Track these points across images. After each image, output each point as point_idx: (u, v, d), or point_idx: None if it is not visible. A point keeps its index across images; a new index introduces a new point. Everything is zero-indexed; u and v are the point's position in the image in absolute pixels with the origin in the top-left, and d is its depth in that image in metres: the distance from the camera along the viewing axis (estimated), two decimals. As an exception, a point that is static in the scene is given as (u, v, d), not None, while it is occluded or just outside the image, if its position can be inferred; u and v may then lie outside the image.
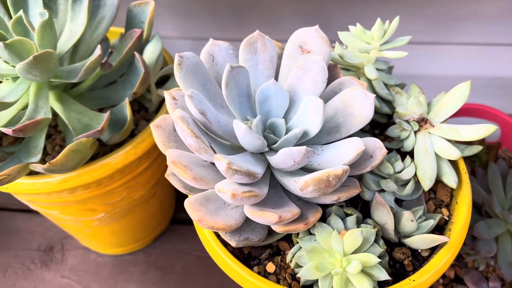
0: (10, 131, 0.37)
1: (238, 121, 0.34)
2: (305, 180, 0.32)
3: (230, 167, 0.31)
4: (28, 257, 0.67)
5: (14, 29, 0.44)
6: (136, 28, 0.50)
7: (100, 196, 0.49)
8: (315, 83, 0.38)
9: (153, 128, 0.38)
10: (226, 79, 0.36)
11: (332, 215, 0.37)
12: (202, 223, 0.34)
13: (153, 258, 0.66)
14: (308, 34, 0.40)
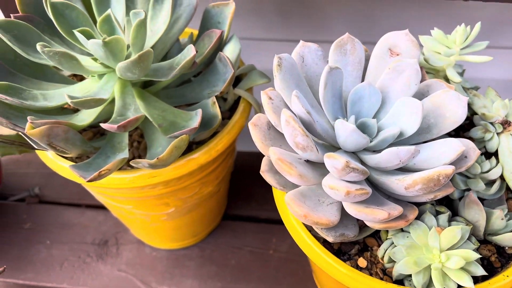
0: (115, 127, 0.38)
1: (342, 120, 0.36)
2: (413, 179, 0.34)
3: (348, 165, 0.32)
4: (84, 250, 0.68)
5: (101, 27, 0.45)
6: (213, 28, 0.51)
7: (176, 191, 0.50)
8: (408, 85, 0.39)
9: (251, 126, 0.39)
10: (324, 80, 0.38)
11: (427, 213, 0.38)
12: (307, 218, 0.36)
13: (207, 252, 0.67)
14: (398, 37, 0.42)
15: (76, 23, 0.46)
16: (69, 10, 0.46)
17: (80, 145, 0.43)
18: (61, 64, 0.41)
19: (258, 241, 0.68)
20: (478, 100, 0.44)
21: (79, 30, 0.43)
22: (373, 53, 0.43)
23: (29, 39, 0.46)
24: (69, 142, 0.42)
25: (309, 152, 0.36)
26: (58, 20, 0.45)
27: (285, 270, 0.65)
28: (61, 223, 0.72)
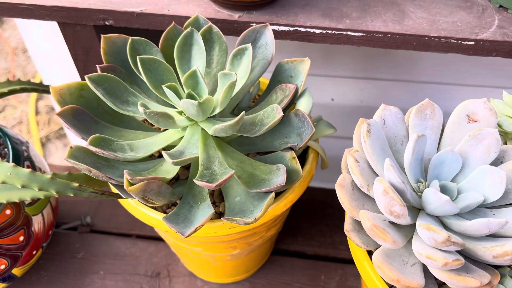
0: (212, 186, 0.40)
1: (434, 190, 0.38)
2: (505, 250, 0.36)
3: (449, 239, 0.35)
4: (137, 282, 0.70)
5: (186, 82, 0.47)
6: (284, 81, 0.53)
7: (246, 237, 0.52)
8: (488, 153, 0.42)
9: (337, 187, 0.42)
10: (412, 147, 0.40)
11: (506, 276, 0.41)
12: (400, 283, 0.38)
13: (258, 287, 0.69)
14: (476, 105, 0.44)
15: (162, 77, 0.48)
16: (156, 65, 0.48)
17: (169, 197, 0.45)
18: (158, 122, 0.43)
19: (306, 277, 0.70)
20: (547, 163, 0.46)
21: (167, 86, 0.46)
22: (451, 119, 0.45)
23: (117, 91, 0.48)
24: (160, 195, 0.44)
25: (402, 219, 0.38)
26: (147, 75, 0.47)
27: (335, 308, 0.67)
28: (113, 253, 0.74)
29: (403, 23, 0.55)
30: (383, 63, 0.85)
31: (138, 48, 0.51)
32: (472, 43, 0.54)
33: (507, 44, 0.53)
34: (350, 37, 0.55)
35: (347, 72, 0.88)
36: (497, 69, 0.82)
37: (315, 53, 0.86)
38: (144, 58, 0.47)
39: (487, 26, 0.55)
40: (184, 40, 0.50)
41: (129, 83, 0.51)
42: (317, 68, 0.89)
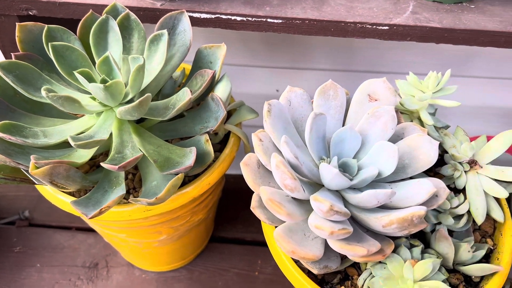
0: (115, 168, 0.41)
1: (326, 164, 0.40)
2: (390, 219, 0.38)
3: (332, 209, 0.36)
4: (74, 273, 0.70)
5: (100, 68, 0.48)
6: (205, 67, 0.54)
7: (169, 221, 0.53)
8: (385, 129, 0.43)
9: (242, 166, 0.43)
10: (310, 125, 0.41)
11: (402, 246, 0.42)
12: (295, 254, 0.39)
13: (196, 275, 0.70)
14: (376, 84, 0.46)
15: (76, 63, 0.49)
16: (69, 52, 0.48)
17: (80, 181, 0.46)
18: (64, 106, 0.43)
19: (244, 263, 0.71)
20: (448, 140, 0.48)
21: (79, 71, 0.46)
22: (354, 99, 0.47)
23: (30, 79, 0.48)
24: (69, 179, 0.44)
25: (296, 193, 0.39)
26: (59, 61, 0.48)
27: (270, 291, 0.68)
28: (52, 246, 0.73)
29: (322, 9, 0.57)
30: (323, 53, 0.87)
31: (56, 36, 0.51)
32: (386, 28, 0.56)
33: (418, 29, 0.56)
34: (270, 24, 0.57)
35: (290, 64, 0.90)
36: (432, 57, 0.85)
37: (260, 45, 0.87)
38: (56, 44, 0.47)
39: (402, 12, 0.57)
40: (99, 27, 0.50)
41: (48, 71, 0.51)
42: (261, 60, 0.90)
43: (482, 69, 0.86)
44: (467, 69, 0.86)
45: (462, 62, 0.86)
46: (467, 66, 0.86)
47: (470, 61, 0.85)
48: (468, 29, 0.55)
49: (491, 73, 0.87)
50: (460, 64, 0.86)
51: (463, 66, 0.86)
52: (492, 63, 0.85)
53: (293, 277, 0.44)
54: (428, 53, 0.84)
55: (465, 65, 0.86)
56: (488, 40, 0.56)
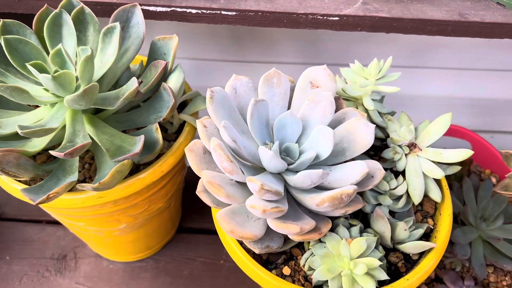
0: (61, 155, 0.42)
1: (263, 147, 0.41)
2: (322, 197, 0.39)
3: (262, 188, 0.38)
4: (43, 265, 0.71)
5: (53, 60, 0.49)
6: (159, 58, 0.56)
7: (125, 209, 0.54)
8: (324, 114, 0.45)
9: (187, 151, 0.44)
10: (251, 111, 0.43)
11: (340, 225, 0.44)
12: (234, 233, 0.41)
13: (162, 264, 0.71)
14: (317, 72, 0.47)
15: (30, 56, 0.50)
16: (22, 45, 0.50)
17: (32, 170, 0.47)
18: (13, 96, 0.45)
19: (210, 252, 0.73)
20: (391, 125, 0.50)
21: (31, 63, 0.47)
22: (297, 86, 0.48)
23: (-16, 71, 0.49)
24: (21, 168, 0.46)
25: (235, 175, 0.41)
26: (12, 54, 0.49)
27: (235, 278, 0.70)
28: (21, 239, 0.75)
29: (274, 1, 0.58)
30: (291, 47, 0.89)
31: (11, 30, 0.52)
32: (336, 18, 0.58)
33: (368, 19, 0.57)
34: (224, 16, 0.58)
35: (258, 57, 0.91)
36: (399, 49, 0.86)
37: (229, 40, 0.89)
38: (8, 37, 0.49)
39: (352, 3, 0.59)
40: (53, 20, 0.52)
41: (5, 65, 0.53)
42: (230, 55, 0.91)
43: (448, 60, 0.88)
44: (433, 60, 0.88)
45: (428, 54, 0.88)
46: (433, 58, 0.88)
47: (436, 53, 0.87)
48: (415, 18, 0.57)
49: (457, 64, 0.89)
50: (426, 56, 0.88)
51: (429, 58, 0.88)
52: (458, 53, 0.87)
53: (237, 257, 0.45)
54: (394, 45, 0.86)
55: (431, 56, 0.88)
56: (436, 29, 0.58)
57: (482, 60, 0.88)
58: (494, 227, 0.59)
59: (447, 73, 0.90)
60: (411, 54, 0.88)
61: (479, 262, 0.58)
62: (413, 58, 0.88)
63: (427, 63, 0.89)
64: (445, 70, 0.90)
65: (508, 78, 0.91)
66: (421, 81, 0.91)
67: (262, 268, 0.44)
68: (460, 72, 0.90)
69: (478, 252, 0.59)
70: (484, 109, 0.95)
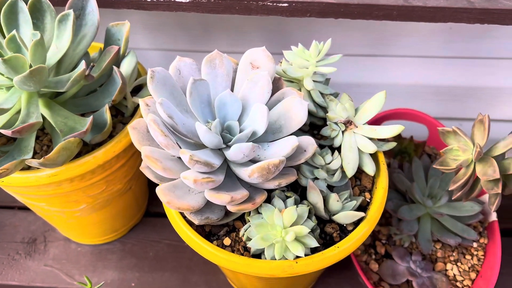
0: (9, 132, 0.45)
1: (199, 123, 0.43)
2: (252, 168, 0.42)
3: (192, 158, 0.40)
4: (13, 248, 0.74)
5: (8, 45, 0.51)
6: (114, 44, 0.58)
7: (82, 189, 0.57)
8: (262, 93, 0.47)
9: (130, 129, 0.47)
10: (190, 89, 0.45)
11: (275, 197, 0.46)
12: (171, 204, 0.43)
13: (128, 246, 0.74)
14: (257, 53, 0.50)
15: (-15, 42, 0.52)
16: (-22, 31, 0.52)
17: (-14, 149, 0.49)
18: (-35, 79, 0.47)
19: (175, 234, 0.74)
20: (331, 104, 0.52)
21: (-14, 49, 0.50)
22: (239, 67, 0.50)
23: None
24: (-25, 146, 0.48)
25: (171, 150, 0.43)
26: (-32, 40, 0.51)
27: (198, 259, 0.72)
28: (-7, 224, 0.77)
29: (226, -11, 0.61)
30: (259, 37, 0.91)
31: (-31, 18, 0.54)
32: (286, 5, 0.60)
33: (316, 5, 0.60)
34: (179, 4, 0.61)
35: (228, 48, 0.93)
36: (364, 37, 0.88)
37: (199, 31, 0.91)
38: (-36, 24, 0.51)
39: (301, -10, 0.61)
40: (9, 8, 0.54)
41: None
42: (201, 45, 0.94)
43: (413, 49, 0.90)
44: (398, 49, 0.90)
45: (392, 42, 0.90)
46: (398, 46, 0.90)
47: (401, 41, 0.89)
48: (362, 3, 0.60)
49: (422, 52, 0.91)
50: (391, 44, 0.90)
51: (393, 46, 0.90)
52: (422, 42, 0.89)
53: (180, 229, 0.48)
54: (359, 34, 0.88)
55: (395, 45, 0.90)
56: (382, 14, 0.61)
57: (446, 48, 0.90)
58: (440, 204, 0.61)
59: (412, 62, 0.93)
60: (376, 43, 0.90)
61: (425, 238, 0.61)
62: (377, 47, 0.90)
63: (392, 52, 0.91)
64: (410, 58, 0.92)
65: (473, 66, 0.93)
66: (386, 70, 0.94)
67: (201, 238, 0.46)
68: (425, 60, 0.92)
69: (425, 228, 0.62)
70: (450, 96, 0.98)
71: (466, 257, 0.62)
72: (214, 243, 0.47)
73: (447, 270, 0.62)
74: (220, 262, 0.46)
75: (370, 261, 0.62)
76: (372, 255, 0.63)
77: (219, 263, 0.46)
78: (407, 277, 0.60)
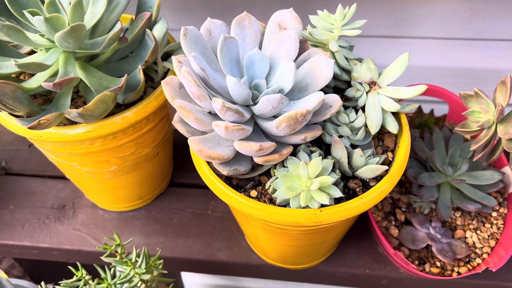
0: (51, 85, 0.48)
1: (230, 75, 0.46)
2: (280, 119, 0.44)
3: (224, 105, 0.42)
4: (43, 213, 0.77)
5: (48, 9, 0.54)
6: (146, 11, 0.60)
7: (114, 149, 0.59)
8: (289, 52, 0.49)
9: (163, 84, 0.49)
10: (220, 46, 0.47)
11: (301, 151, 0.48)
12: (202, 153, 0.45)
13: (153, 214, 0.76)
14: (285, 15, 0.52)
15: (27, 5, 0.55)
16: (20, -5, 0.55)
17: (27, 104, 0.52)
18: (9, 35, 0.50)
19: (198, 203, 0.78)
20: (356, 67, 0.54)
21: (27, 10, 0.53)
22: (266, 29, 0.52)
23: (-14, 19, 0.55)
24: (17, 101, 0.51)
25: (204, 102, 0.45)
26: (11, 3, 0.54)
27: (221, 226, 0.74)
28: (25, 191, 0.80)
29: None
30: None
31: (10, -15, 0.58)
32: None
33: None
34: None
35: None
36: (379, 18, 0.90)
37: (218, 10, 0.93)
38: (8, -13, 0.54)
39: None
40: (49, -26, 0.57)
41: (7, 17, 0.58)
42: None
43: (431, 30, 0.91)
44: (416, 30, 0.91)
45: (410, 23, 0.91)
46: (417, 27, 0.91)
47: (417, 22, 0.90)
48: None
49: (440, 33, 0.92)
50: (408, 25, 0.91)
51: (412, 27, 0.91)
52: (441, 23, 0.90)
53: (209, 180, 0.50)
54: (381, 15, 0.89)
55: (414, 26, 0.91)
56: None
57: (467, 29, 0.91)
58: (460, 173, 0.62)
59: (432, 43, 0.93)
60: (395, 24, 0.91)
61: (445, 204, 0.62)
62: (397, 28, 0.91)
63: (412, 33, 0.92)
64: (429, 40, 0.93)
65: (493, 48, 0.93)
66: (404, 51, 0.94)
67: (231, 188, 0.48)
68: (444, 41, 0.93)
69: (445, 196, 0.63)
70: (469, 79, 0.98)
71: (486, 225, 0.63)
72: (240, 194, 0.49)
73: (466, 237, 0.63)
74: (247, 210, 0.47)
75: (390, 227, 0.63)
76: (392, 221, 0.64)
77: (246, 211, 0.48)
78: (427, 242, 0.61)
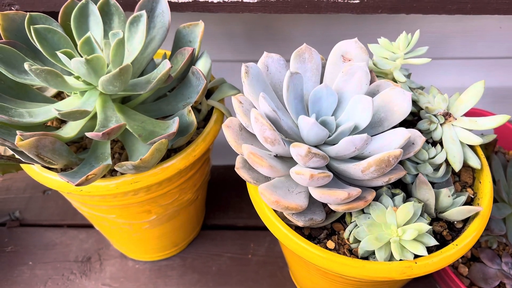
0: (99, 135, 0.42)
1: (305, 116, 0.41)
2: (368, 161, 0.39)
3: (310, 151, 0.37)
4: (67, 268, 0.70)
5: (82, 48, 0.49)
6: (184, 46, 0.56)
7: (157, 198, 0.54)
8: (360, 85, 0.45)
9: (224, 128, 0.44)
10: (287, 83, 0.43)
11: (383, 195, 0.43)
12: (279, 204, 0.40)
13: (189, 261, 0.70)
14: (349, 45, 0.48)
15: (58, 45, 0.50)
16: (51, 34, 0.50)
17: (66, 156, 0.46)
18: (47, 81, 0.44)
19: (237, 247, 0.72)
20: (423, 97, 0.50)
21: (61, 51, 0.47)
22: (328, 60, 0.48)
23: (14, 62, 0.49)
24: (56, 153, 0.45)
25: (277, 146, 0.40)
26: (42, 44, 0.49)
27: (264, 272, 0.68)
28: (43, 243, 0.73)
29: (295, -12, 0.59)
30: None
31: (37, 23, 0.52)
32: (357, 1, 0.58)
33: (388, 0, 0.58)
34: (246, 4, 0.59)
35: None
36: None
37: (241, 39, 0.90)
38: (38, 27, 0.49)
39: (371, -14, 0.59)
40: (79, 11, 0.52)
41: (32, 58, 0.53)
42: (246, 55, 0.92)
43: (457, 50, 0.89)
44: (444, 51, 0.89)
45: (438, 44, 0.88)
46: (443, 48, 0.88)
47: (445, 42, 0.88)
48: (435, -3, 0.58)
49: (468, 53, 0.89)
50: (436, 46, 0.88)
51: (439, 48, 0.89)
52: (466, 43, 0.88)
53: (281, 233, 0.44)
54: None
55: (441, 47, 0.88)
56: (455, 8, 0.59)
57: (494, 48, 0.89)
58: (527, 202, 0.58)
59: (459, 63, 0.91)
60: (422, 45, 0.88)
61: (515, 238, 0.58)
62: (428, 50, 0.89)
63: (439, 54, 0.90)
64: (457, 60, 0.91)
65: None
66: (433, 72, 0.92)
67: (308, 242, 0.43)
68: (472, 61, 0.91)
69: (513, 228, 0.58)
70: (496, 98, 0.96)
71: (558, 257, 0.59)
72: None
73: (539, 272, 0.58)
74: (325, 264, 0.42)
75: (459, 265, 0.59)
76: (459, 258, 0.60)
77: (324, 265, 0.42)
78: (500, 280, 0.56)
